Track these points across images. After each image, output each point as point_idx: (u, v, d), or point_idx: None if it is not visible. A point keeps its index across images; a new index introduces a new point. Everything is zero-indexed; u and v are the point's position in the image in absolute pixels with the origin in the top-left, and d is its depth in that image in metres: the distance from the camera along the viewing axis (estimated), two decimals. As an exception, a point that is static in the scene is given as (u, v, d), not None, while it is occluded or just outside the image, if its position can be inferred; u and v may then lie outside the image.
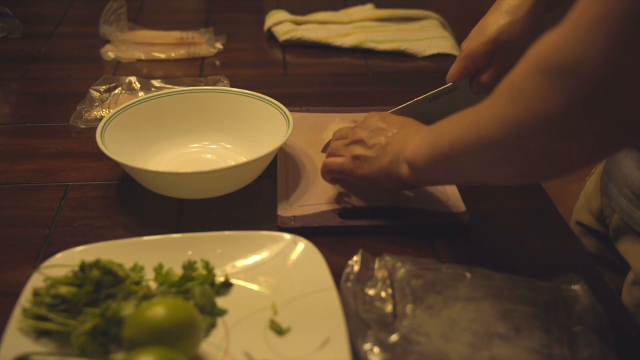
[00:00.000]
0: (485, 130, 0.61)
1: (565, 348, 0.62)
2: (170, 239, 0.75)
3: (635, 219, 0.86)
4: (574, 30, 0.52)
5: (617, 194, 0.89)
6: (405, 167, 0.75)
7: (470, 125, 0.63)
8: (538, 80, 0.54)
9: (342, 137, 0.84)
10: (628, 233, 0.88)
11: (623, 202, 0.88)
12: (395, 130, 0.78)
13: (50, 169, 0.93)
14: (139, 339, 0.59)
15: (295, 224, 0.81)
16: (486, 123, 0.61)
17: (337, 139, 0.85)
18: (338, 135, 0.85)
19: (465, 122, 0.65)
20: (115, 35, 1.30)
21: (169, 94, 0.97)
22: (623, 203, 0.88)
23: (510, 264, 0.78)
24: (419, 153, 0.72)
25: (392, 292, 0.68)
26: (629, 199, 0.87)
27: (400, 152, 0.76)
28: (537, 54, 0.56)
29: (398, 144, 0.77)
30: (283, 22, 1.37)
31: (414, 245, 0.80)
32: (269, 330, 0.65)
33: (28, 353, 0.61)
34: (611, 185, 0.90)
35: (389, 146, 0.77)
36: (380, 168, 0.78)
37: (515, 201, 0.91)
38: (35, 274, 0.68)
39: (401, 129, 0.78)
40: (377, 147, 0.78)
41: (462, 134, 0.64)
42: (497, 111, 0.59)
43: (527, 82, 0.56)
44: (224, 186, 0.86)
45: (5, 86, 1.20)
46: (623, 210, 0.88)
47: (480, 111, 0.62)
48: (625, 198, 0.87)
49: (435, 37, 1.34)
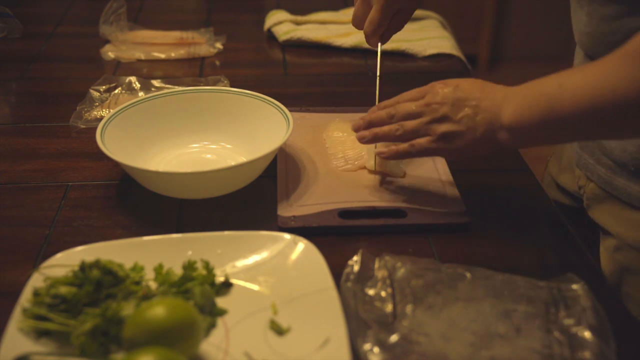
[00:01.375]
0: (623, 89, 0.64)
1: (565, 348, 0.62)
2: (170, 239, 0.75)
3: (615, 185, 0.90)
4: None
5: (595, 164, 0.93)
6: (504, 133, 0.75)
7: (600, 85, 0.66)
8: None
9: (413, 115, 0.80)
10: (606, 200, 0.92)
11: (601, 170, 0.91)
12: (477, 97, 0.77)
13: (50, 169, 0.93)
14: (139, 339, 0.59)
15: (295, 224, 0.81)
16: (627, 81, 0.64)
17: (406, 118, 0.81)
18: (407, 108, 0.81)
19: (589, 81, 0.67)
20: (115, 35, 1.30)
21: (169, 94, 0.97)
22: (601, 172, 0.91)
23: (510, 264, 0.78)
24: (522, 118, 0.72)
25: (392, 292, 0.68)
26: (608, 166, 0.90)
27: (494, 120, 0.75)
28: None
29: (488, 111, 0.75)
30: (283, 22, 1.37)
31: (414, 245, 0.80)
32: (269, 330, 0.65)
33: (28, 353, 0.61)
34: (587, 157, 0.94)
35: (478, 116, 0.76)
36: (474, 139, 0.77)
37: (515, 201, 0.91)
38: (35, 274, 0.68)
39: (484, 95, 0.77)
40: (465, 120, 0.77)
41: (589, 93, 0.67)
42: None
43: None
44: (224, 186, 0.86)
45: (5, 86, 1.20)
46: (601, 178, 0.92)
47: (612, 71, 0.66)
48: (603, 167, 0.91)
49: (435, 37, 1.34)
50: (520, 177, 0.95)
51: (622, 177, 0.89)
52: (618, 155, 0.88)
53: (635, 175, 0.87)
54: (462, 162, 0.91)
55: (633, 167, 0.87)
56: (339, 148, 0.95)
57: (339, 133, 0.99)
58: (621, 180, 0.89)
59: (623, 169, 0.88)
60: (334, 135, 0.98)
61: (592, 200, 0.95)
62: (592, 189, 0.94)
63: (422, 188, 0.87)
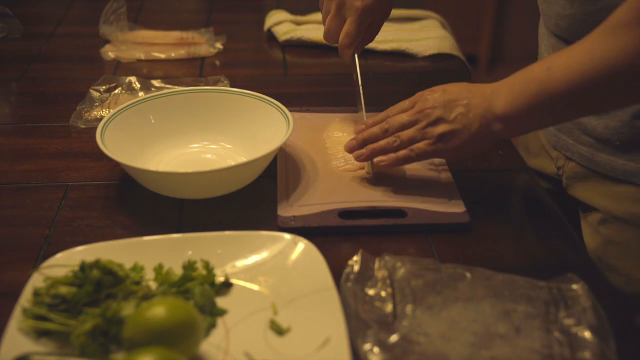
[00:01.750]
0: (614, 58, 0.68)
1: (565, 348, 0.62)
2: (170, 239, 0.75)
3: (597, 161, 0.94)
4: None
5: (574, 144, 0.97)
6: (498, 124, 0.78)
7: (590, 59, 0.69)
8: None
9: (407, 125, 0.83)
10: (589, 177, 0.96)
11: (582, 149, 0.96)
12: (466, 96, 0.80)
13: (50, 169, 0.93)
14: (139, 339, 0.59)
15: (295, 224, 0.81)
16: (617, 51, 0.67)
17: (400, 129, 0.83)
18: (399, 119, 0.84)
19: (578, 58, 0.71)
20: (115, 35, 1.30)
21: (169, 94, 0.97)
22: (582, 150, 0.96)
23: (510, 264, 0.78)
24: (514, 106, 0.76)
25: (392, 292, 0.68)
26: (589, 144, 0.94)
27: (487, 113, 0.78)
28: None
29: (480, 106, 0.79)
30: (283, 22, 1.37)
31: (414, 245, 0.80)
32: (269, 330, 0.65)
33: (28, 353, 0.61)
34: (565, 138, 0.98)
35: (471, 113, 0.79)
36: (470, 136, 0.80)
37: (515, 201, 0.91)
38: (35, 274, 0.68)
39: (472, 94, 0.80)
40: (459, 118, 0.80)
41: (580, 69, 0.70)
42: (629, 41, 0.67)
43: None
44: (224, 186, 0.86)
45: (5, 86, 1.20)
46: (583, 156, 0.96)
47: (600, 43, 0.69)
48: (584, 145, 0.95)
49: (435, 37, 1.34)
50: (520, 177, 0.95)
51: (605, 153, 0.93)
52: (600, 132, 0.92)
53: (619, 149, 0.91)
54: (462, 162, 0.91)
55: (618, 141, 0.91)
56: (339, 148, 0.95)
57: (339, 133, 0.99)
58: (604, 156, 0.93)
59: (606, 144, 0.92)
60: (334, 135, 0.98)
61: (573, 179, 0.99)
62: (573, 167, 0.98)
63: (422, 188, 0.87)
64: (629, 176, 0.91)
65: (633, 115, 0.89)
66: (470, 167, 0.94)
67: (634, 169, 0.91)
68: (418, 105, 0.83)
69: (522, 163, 0.98)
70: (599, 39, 0.70)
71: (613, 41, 0.68)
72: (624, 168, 0.91)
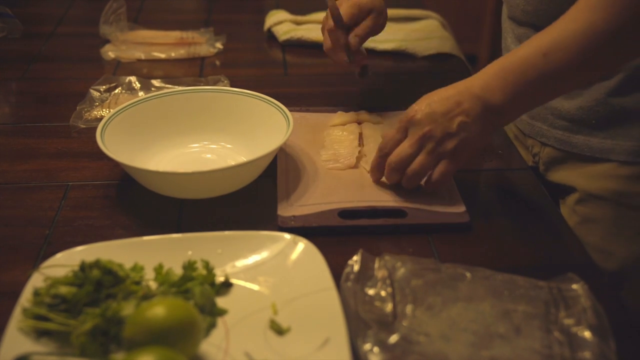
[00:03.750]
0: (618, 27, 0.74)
1: (565, 348, 0.62)
2: (170, 239, 0.75)
3: (574, 143, 0.98)
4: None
5: (549, 129, 1.01)
6: (500, 117, 0.81)
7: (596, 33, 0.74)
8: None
9: (413, 156, 0.82)
10: (566, 160, 1.00)
11: (557, 133, 1.00)
12: (455, 101, 0.80)
13: (50, 169, 0.93)
14: (139, 339, 0.59)
15: (295, 223, 0.81)
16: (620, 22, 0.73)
17: (408, 162, 0.82)
18: (403, 154, 0.82)
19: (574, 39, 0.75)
20: (115, 35, 1.30)
21: (169, 94, 0.97)
22: (557, 134, 1.00)
23: (510, 264, 0.78)
24: (515, 96, 0.78)
25: (392, 292, 0.68)
26: (565, 128, 0.99)
27: (486, 112, 0.79)
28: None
29: (476, 108, 0.80)
30: (283, 22, 1.37)
31: (414, 245, 0.80)
32: (269, 330, 0.65)
33: (28, 353, 0.61)
34: (539, 124, 1.02)
35: (470, 117, 0.80)
36: (478, 137, 0.81)
37: (515, 201, 0.91)
38: (35, 274, 0.68)
39: (460, 97, 0.80)
40: (463, 126, 0.80)
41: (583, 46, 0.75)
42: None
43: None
44: (224, 186, 0.86)
45: (5, 86, 1.20)
46: (559, 140, 1.00)
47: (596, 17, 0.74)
48: (559, 129, 0.99)
49: (435, 37, 1.34)
50: (520, 177, 0.95)
51: (581, 134, 0.97)
52: (575, 114, 0.96)
53: (595, 128, 0.95)
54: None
55: (594, 120, 0.95)
56: (335, 146, 0.95)
57: (339, 132, 0.98)
58: (580, 137, 0.97)
59: (582, 125, 0.96)
60: (334, 134, 0.98)
61: (550, 164, 1.03)
62: (549, 152, 1.02)
63: (422, 188, 0.87)
64: (606, 153, 0.95)
65: (607, 93, 0.93)
66: (470, 167, 0.94)
67: (610, 145, 0.94)
68: (413, 131, 0.81)
69: (522, 163, 0.98)
70: (589, 12, 0.74)
71: (601, 15, 0.73)
72: (600, 146, 0.95)
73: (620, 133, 0.94)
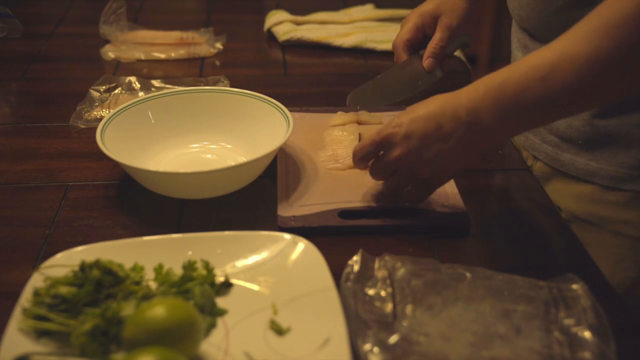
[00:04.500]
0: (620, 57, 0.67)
1: (565, 348, 0.62)
2: (170, 239, 0.75)
3: (562, 161, 0.95)
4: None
5: (540, 143, 0.98)
6: (487, 139, 0.75)
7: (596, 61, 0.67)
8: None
9: (385, 172, 0.81)
10: (554, 177, 0.97)
11: (547, 148, 0.97)
12: (437, 123, 0.74)
13: (50, 169, 0.93)
14: (139, 339, 0.59)
15: (295, 224, 0.81)
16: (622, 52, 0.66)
17: (379, 175, 0.81)
18: (375, 172, 0.81)
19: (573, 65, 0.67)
20: (115, 35, 1.30)
21: (169, 94, 0.97)
22: (547, 149, 0.97)
23: (510, 263, 0.78)
24: (506, 122, 0.72)
25: (392, 292, 0.68)
26: (554, 144, 0.96)
27: (471, 136, 0.73)
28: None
29: (457, 133, 0.73)
30: (283, 22, 1.37)
31: (414, 245, 0.80)
32: (269, 330, 0.65)
33: (28, 353, 0.61)
34: (532, 137, 1.00)
35: (448, 144, 0.74)
36: (463, 162, 0.77)
37: (515, 201, 0.91)
38: (35, 274, 0.68)
39: (446, 120, 0.74)
40: (438, 155, 0.75)
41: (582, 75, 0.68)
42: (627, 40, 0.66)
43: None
44: (224, 186, 0.86)
45: (5, 86, 1.20)
46: (548, 155, 0.97)
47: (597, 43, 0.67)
48: (549, 145, 0.96)
49: (435, 37, 1.33)
50: (520, 177, 0.95)
51: (569, 153, 0.94)
52: (564, 132, 0.93)
53: (582, 148, 0.92)
54: None
55: (581, 140, 0.92)
56: (334, 147, 0.95)
57: (339, 132, 0.98)
58: (567, 155, 0.94)
59: (570, 143, 0.93)
60: (334, 134, 0.98)
61: (541, 179, 0.98)
62: (540, 167, 0.99)
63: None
64: (590, 176, 0.92)
65: (593, 114, 0.90)
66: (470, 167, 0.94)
67: (594, 168, 0.92)
68: (388, 152, 0.78)
69: (522, 163, 0.98)
70: (591, 38, 0.67)
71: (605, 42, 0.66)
72: (585, 168, 0.92)
73: (605, 156, 0.91)
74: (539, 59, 0.70)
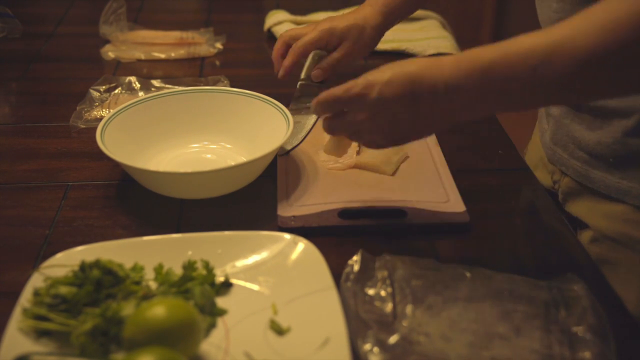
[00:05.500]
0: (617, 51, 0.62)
1: (565, 348, 0.62)
2: (170, 239, 0.75)
3: (592, 178, 0.91)
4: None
5: (569, 158, 0.94)
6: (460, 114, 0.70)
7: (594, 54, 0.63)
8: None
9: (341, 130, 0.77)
10: (582, 194, 0.94)
11: (576, 164, 0.93)
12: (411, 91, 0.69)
13: (50, 169, 0.93)
14: (139, 339, 0.59)
15: (295, 224, 0.81)
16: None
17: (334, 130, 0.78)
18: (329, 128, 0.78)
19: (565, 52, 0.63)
20: (115, 35, 1.30)
21: (169, 94, 0.98)
22: (576, 165, 0.93)
23: (510, 264, 0.78)
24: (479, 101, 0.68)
25: (392, 292, 0.68)
26: (583, 160, 0.92)
27: (444, 110, 0.69)
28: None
29: (430, 107, 0.69)
30: (283, 22, 1.37)
31: (414, 245, 0.80)
32: (269, 330, 0.65)
33: (28, 353, 0.61)
34: (560, 151, 0.96)
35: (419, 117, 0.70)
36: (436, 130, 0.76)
37: (515, 201, 0.91)
38: (35, 274, 0.68)
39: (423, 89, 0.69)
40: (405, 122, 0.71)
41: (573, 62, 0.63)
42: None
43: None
44: (224, 186, 0.86)
45: (5, 86, 1.20)
46: (577, 172, 0.93)
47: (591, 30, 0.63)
48: (578, 160, 0.93)
49: (435, 37, 1.34)
50: (520, 177, 0.95)
51: (599, 170, 0.90)
52: (594, 148, 0.90)
53: (613, 166, 0.89)
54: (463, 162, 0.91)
55: (612, 158, 0.88)
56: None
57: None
58: (598, 172, 0.90)
59: (599, 161, 0.90)
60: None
61: (568, 195, 0.96)
62: (568, 183, 0.96)
63: (422, 188, 0.87)
64: (622, 195, 0.88)
65: (625, 132, 0.86)
66: (471, 167, 0.94)
67: (626, 187, 0.88)
68: (351, 111, 0.74)
69: (522, 163, 0.98)
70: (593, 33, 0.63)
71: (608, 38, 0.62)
72: (617, 186, 0.89)
73: (637, 176, 0.87)
74: (531, 44, 0.65)
